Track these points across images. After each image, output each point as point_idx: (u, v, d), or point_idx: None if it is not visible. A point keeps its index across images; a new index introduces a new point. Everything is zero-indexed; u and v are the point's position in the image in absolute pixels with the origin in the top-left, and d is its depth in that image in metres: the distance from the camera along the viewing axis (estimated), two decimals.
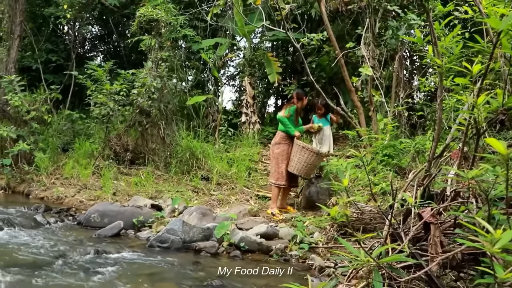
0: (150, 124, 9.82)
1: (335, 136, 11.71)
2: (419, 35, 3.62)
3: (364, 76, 8.73)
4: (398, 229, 3.64)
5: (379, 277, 2.61)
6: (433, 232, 3.21)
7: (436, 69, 3.65)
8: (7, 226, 6.13)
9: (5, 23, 13.33)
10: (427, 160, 4.02)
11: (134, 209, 6.92)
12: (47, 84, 12.68)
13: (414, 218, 3.78)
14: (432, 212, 3.29)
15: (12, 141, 10.16)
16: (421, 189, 3.97)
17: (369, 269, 2.90)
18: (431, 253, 3.14)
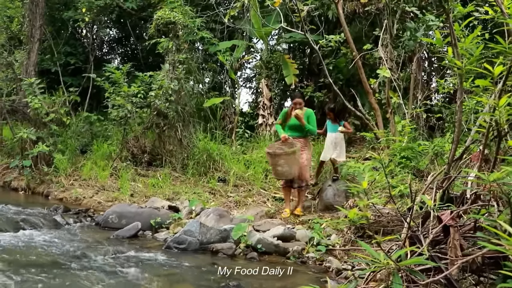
0: (168, 126, 9.88)
1: (352, 138, 11.67)
2: (438, 36, 3.59)
3: (381, 78, 8.66)
4: (417, 232, 3.61)
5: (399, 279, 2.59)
6: (452, 235, 3.17)
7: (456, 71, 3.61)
8: (28, 226, 6.23)
9: (25, 27, 13.58)
10: (447, 163, 3.98)
11: (152, 211, 6.96)
12: (66, 87, 12.87)
13: (433, 221, 3.74)
14: (452, 215, 3.25)
15: (32, 142, 10.31)
16: (440, 192, 3.93)
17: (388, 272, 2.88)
18: (451, 256, 3.11)
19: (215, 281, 4.40)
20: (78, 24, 14.63)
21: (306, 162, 7.08)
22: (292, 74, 11.37)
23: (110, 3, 13.59)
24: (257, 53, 14.04)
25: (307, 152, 7.13)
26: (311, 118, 7.09)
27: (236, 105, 11.81)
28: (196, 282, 4.29)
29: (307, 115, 7.11)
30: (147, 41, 11.76)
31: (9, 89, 12.34)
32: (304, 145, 7.10)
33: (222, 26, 12.31)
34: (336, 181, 7.58)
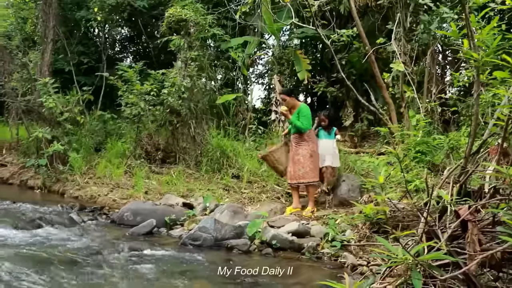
0: (181, 123, 9.90)
1: (366, 133, 11.60)
2: (454, 28, 3.53)
3: (395, 72, 8.57)
4: (434, 227, 3.57)
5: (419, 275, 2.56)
6: (471, 230, 3.13)
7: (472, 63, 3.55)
8: (44, 224, 6.31)
9: (39, 27, 13.69)
10: (464, 157, 3.92)
11: (166, 208, 7.00)
12: (79, 86, 12.96)
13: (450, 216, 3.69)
14: (470, 209, 3.21)
15: (47, 142, 10.41)
16: (457, 186, 3.88)
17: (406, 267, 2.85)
18: (469, 252, 3.07)
19: (230, 277, 4.40)
20: (91, 24, 14.73)
21: (302, 158, 6.87)
22: (305, 69, 11.30)
23: (121, 2, 13.64)
24: (269, 49, 14.00)
25: (303, 147, 6.91)
26: (300, 114, 6.89)
27: (249, 102, 11.80)
28: (211, 279, 4.29)
29: (298, 111, 6.95)
30: (159, 39, 11.78)
31: (24, 89, 12.45)
32: (299, 140, 6.93)
33: (233, 22, 12.28)
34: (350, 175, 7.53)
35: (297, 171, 6.88)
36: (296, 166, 6.89)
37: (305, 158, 6.87)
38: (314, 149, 6.98)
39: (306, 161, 6.87)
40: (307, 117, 6.91)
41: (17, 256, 4.58)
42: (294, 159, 6.93)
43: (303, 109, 6.94)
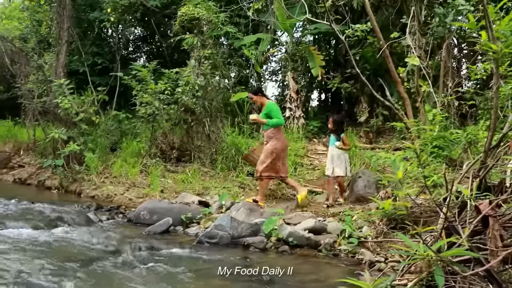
0: (195, 121, 9.92)
1: (381, 129, 11.50)
2: (472, 20, 3.46)
3: (410, 67, 8.46)
4: (454, 223, 3.51)
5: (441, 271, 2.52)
6: (492, 225, 3.08)
7: (491, 55, 3.48)
8: (62, 224, 6.37)
9: (53, 29, 13.83)
10: (483, 151, 3.85)
11: (182, 206, 7.01)
12: (94, 86, 13.05)
13: (470, 211, 3.63)
14: (491, 205, 3.15)
15: (63, 142, 10.52)
16: (477, 181, 3.82)
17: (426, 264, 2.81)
18: (491, 247, 3.02)
19: (247, 275, 4.39)
20: (104, 24, 14.83)
21: (264, 153, 7.01)
22: (318, 65, 11.25)
23: (134, 2, 13.69)
24: (282, 46, 13.96)
25: (270, 143, 7.02)
26: (272, 111, 6.98)
27: None
28: (228, 276, 4.28)
29: (268, 109, 7.00)
30: (172, 38, 11.81)
31: (40, 90, 12.58)
32: (267, 137, 7.06)
33: (246, 20, 12.26)
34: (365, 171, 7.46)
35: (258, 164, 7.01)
36: (259, 161, 7.02)
37: (267, 153, 6.97)
38: (277, 146, 6.98)
39: (267, 156, 6.96)
40: (278, 111, 7.06)
41: (36, 255, 4.62)
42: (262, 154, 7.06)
43: (272, 106, 7.04)
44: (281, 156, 7.06)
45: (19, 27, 16.71)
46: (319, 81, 12.30)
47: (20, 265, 4.30)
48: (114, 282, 4.02)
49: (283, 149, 7.12)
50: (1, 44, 13.36)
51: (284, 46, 13.64)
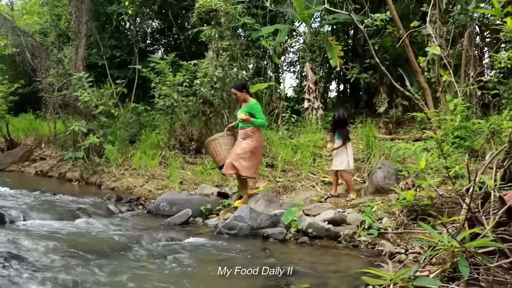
0: (214, 113, 9.93)
1: (400, 119, 11.37)
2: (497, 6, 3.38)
3: (431, 56, 8.30)
4: (477, 213, 3.46)
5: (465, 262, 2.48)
6: None
7: None
8: (83, 215, 6.45)
9: (72, 23, 13.97)
10: (508, 141, 3.77)
11: (202, 197, 7.05)
12: (113, 79, 13.16)
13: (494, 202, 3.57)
14: None
15: (83, 135, 10.65)
16: (501, 171, 3.75)
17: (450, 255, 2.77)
18: None
19: (268, 266, 4.38)
20: (122, 18, 14.92)
21: (240, 150, 6.72)
22: (337, 56, 11.13)
23: None
24: (300, 37, 13.86)
25: (247, 141, 6.75)
26: (255, 111, 6.75)
27: (281, 90, 11.72)
28: (249, 267, 4.28)
29: (251, 108, 6.77)
30: (190, 30, 11.82)
31: (60, 84, 12.73)
32: (245, 135, 6.78)
33: (264, 11, 12.19)
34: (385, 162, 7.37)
35: (234, 162, 6.69)
36: (234, 158, 6.72)
37: (245, 151, 6.71)
38: (256, 145, 6.79)
39: (245, 154, 6.70)
40: (261, 111, 6.86)
41: (58, 246, 4.68)
42: (236, 151, 6.80)
43: (256, 105, 6.81)
44: (258, 156, 6.91)
45: (39, 21, 16.91)
46: (338, 71, 12.17)
47: (43, 255, 4.36)
48: (134, 273, 4.05)
49: (260, 149, 6.99)
50: (22, 39, 13.54)
51: (302, 37, 13.55)
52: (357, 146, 9.19)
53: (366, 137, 8.71)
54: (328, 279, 4.05)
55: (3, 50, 17.16)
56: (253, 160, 6.77)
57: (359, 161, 8.43)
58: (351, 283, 3.93)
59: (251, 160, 6.73)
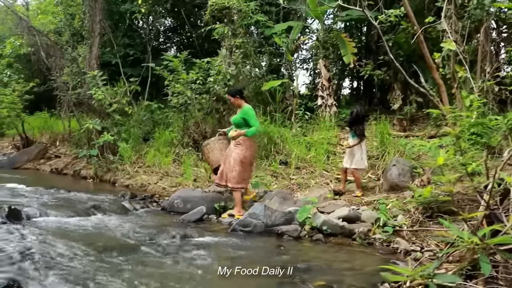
0: (227, 110, 9.92)
1: (415, 116, 11.26)
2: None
3: (446, 52, 8.20)
4: (496, 211, 3.41)
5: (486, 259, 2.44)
6: None
7: None
8: (98, 212, 6.50)
9: (86, 22, 14.07)
10: None
11: (215, 195, 7.06)
12: (126, 77, 13.23)
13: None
14: None
15: (97, 133, 10.73)
16: None
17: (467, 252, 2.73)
18: None
19: (282, 263, 4.37)
20: (135, 16, 15.00)
21: (233, 161, 6.52)
22: (350, 53, 11.05)
23: None
24: (313, 34, 13.80)
25: (237, 150, 6.54)
26: (249, 116, 6.54)
27: (295, 87, 11.68)
28: (263, 264, 4.27)
29: (245, 114, 6.57)
30: (203, 28, 11.83)
31: (75, 82, 12.85)
32: (235, 143, 6.59)
33: (277, 8, 12.17)
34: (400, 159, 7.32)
35: (227, 173, 6.58)
36: (227, 168, 6.60)
37: (235, 162, 6.52)
38: (246, 155, 6.53)
39: (235, 165, 6.52)
40: (255, 117, 6.63)
41: (74, 243, 4.71)
42: (227, 160, 6.65)
43: (249, 111, 6.58)
44: (249, 165, 6.71)
45: (53, 21, 17.07)
46: (351, 68, 12.09)
47: (59, 251, 4.39)
48: (149, 269, 4.06)
49: (251, 158, 6.76)
50: (37, 38, 13.69)
51: (315, 34, 13.48)
52: (371, 143, 9.13)
53: (380, 134, 8.66)
54: (343, 276, 4.04)
55: (18, 50, 17.35)
56: (243, 170, 6.55)
57: (373, 158, 8.38)
58: (367, 281, 3.91)
59: (241, 170, 6.52)
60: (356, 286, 3.75)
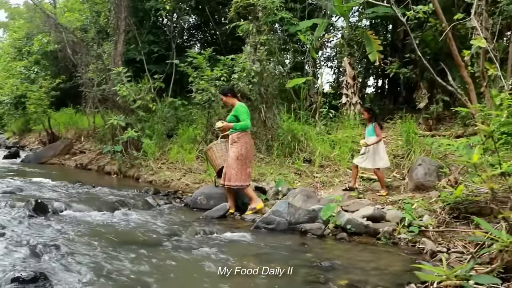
0: (251, 108, 9.86)
1: (441, 116, 11.05)
2: None
3: (475, 49, 8.01)
4: None
5: None
6: None
7: None
8: (122, 207, 6.55)
9: (111, 20, 14.21)
10: None
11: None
12: (150, 74, 13.34)
13: None
14: None
15: (121, 129, 10.83)
16: None
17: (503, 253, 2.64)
18: None
19: (306, 261, 4.33)
20: (160, 13, 15.07)
21: (230, 160, 6.51)
22: (376, 50, 10.91)
23: None
24: (338, 31, 13.67)
25: (233, 148, 6.52)
26: (240, 114, 6.51)
27: (319, 85, 11.59)
28: (287, 262, 4.23)
29: (236, 111, 6.54)
30: (227, 25, 11.82)
31: (100, 79, 12.98)
32: (231, 141, 6.57)
33: (302, 5, 12.07)
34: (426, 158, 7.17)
35: (226, 172, 6.54)
36: (227, 168, 6.56)
37: (232, 160, 6.48)
38: (242, 151, 6.47)
39: (232, 163, 6.47)
40: (247, 114, 6.55)
41: (98, 236, 4.76)
42: (227, 160, 6.63)
43: (241, 108, 6.55)
44: (246, 162, 6.61)
45: (79, 18, 17.32)
46: (376, 66, 11.95)
47: (83, 244, 4.44)
48: (172, 265, 4.06)
49: (248, 154, 6.63)
50: (64, 35, 13.87)
51: (340, 31, 13.36)
52: (396, 142, 9.00)
53: (406, 133, 8.51)
54: (368, 276, 3.96)
55: (46, 47, 17.63)
56: (241, 167, 6.51)
57: (399, 157, 8.26)
58: (393, 281, 3.83)
59: (239, 167, 6.48)
60: (381, 286, 3.68)
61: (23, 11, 20.13)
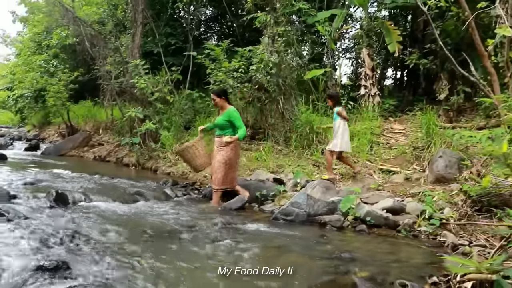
0: (269, 99, 9.85)
1: (462, 107, 10.86)
2: None
3: (499, 38, 7.82)
4: None
5: None
6: None
7: None
8: (141, 198, 6.59)
9: (129, 12, 14.26)
10: None
11: (257, 183, 7.02)
12: (168, 66, 13.36)
13: None
14: None
15: (139, 121, 10.88)
16: None
17: None
18: None
19: (325, 252, 4.29)
20: (177, 6, 15.09)
21: (217, 163, 6.50)
22: (395, 41, 10.74)
23: None
24: (357, 22, 13.52)
25: (221, 153, 6.51)
26: (235, 119, 6.47)
27: (338, 76, 11.48)
28: (306, 253, 4.20)
29: (230, 116, 6.47)
30: (245, 16, 11.76)
31: (117, 71, 13.05)
32: (219, 144, 6.53)
33: None
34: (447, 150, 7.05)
35: (213, 177, 6.61)
36: (213, 172, 6.61)
37: (220, 164, 6.48)
38: (230, 156, 6.49)
39: (219, 167, 6.49)
40: (240, 119, 6.53)
41: (117, 227, 4.77)
42: (214, 163, 6.61)
43: (235, 113, 6.50)
44: (234, 166, 6.62)
45: (97, 11, 17.40)
46: (395, 58, 11.77)
47: (103, 235, 4.46)
48: (191, 256, 4.06)
49: (236, 158, 6.65)
50: (82, 28, 13.97)
51: (358, 22, 13.20)
52: (416, 134, 8.88)
53: (426, 125, 8.38)
54: (388, 268, 3.91)
55: (64, 40, 17.80)
56: (228, 171, 6.53)
57: (418, 149, 8.14)
58: (414, 273, 3.76)
59: (225, 172, 6.51)
60: (402, 278, 3.62)
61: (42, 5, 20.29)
